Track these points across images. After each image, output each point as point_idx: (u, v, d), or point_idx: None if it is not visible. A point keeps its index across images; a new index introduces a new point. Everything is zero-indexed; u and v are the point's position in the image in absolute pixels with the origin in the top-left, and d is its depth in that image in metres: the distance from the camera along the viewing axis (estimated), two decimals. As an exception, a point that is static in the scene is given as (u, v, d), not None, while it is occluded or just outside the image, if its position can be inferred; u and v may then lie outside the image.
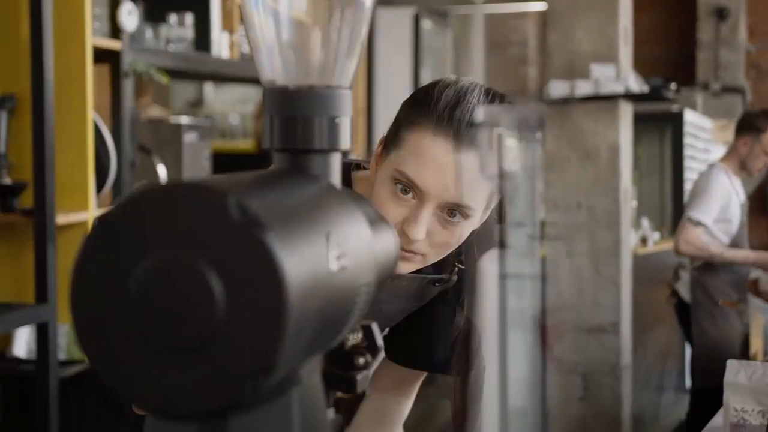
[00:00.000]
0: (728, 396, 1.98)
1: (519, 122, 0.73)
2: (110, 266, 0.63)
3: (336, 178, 0.81)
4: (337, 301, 0.70)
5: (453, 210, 1.27)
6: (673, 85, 5.92)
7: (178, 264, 0.62)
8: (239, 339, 0.61)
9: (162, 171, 2.97)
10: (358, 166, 1.44)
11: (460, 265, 1.43)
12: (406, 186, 1.26)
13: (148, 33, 2.94)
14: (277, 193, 0.70)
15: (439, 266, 1.43)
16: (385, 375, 1.51)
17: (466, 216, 1.28)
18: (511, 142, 0.76)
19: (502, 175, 0.73)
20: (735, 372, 1.99)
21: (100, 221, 0.64)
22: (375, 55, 4.88)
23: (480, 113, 0.96)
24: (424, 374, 1.55)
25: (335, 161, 0.82)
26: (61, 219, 2.42)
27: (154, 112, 4.35)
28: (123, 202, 0.64)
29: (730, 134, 8.69)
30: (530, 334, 0.73)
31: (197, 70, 3.21)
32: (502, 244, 0.74)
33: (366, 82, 4.86)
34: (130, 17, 2.64)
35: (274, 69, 0.81)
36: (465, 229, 1.30)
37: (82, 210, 2.48)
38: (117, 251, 0.63)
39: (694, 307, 4.55)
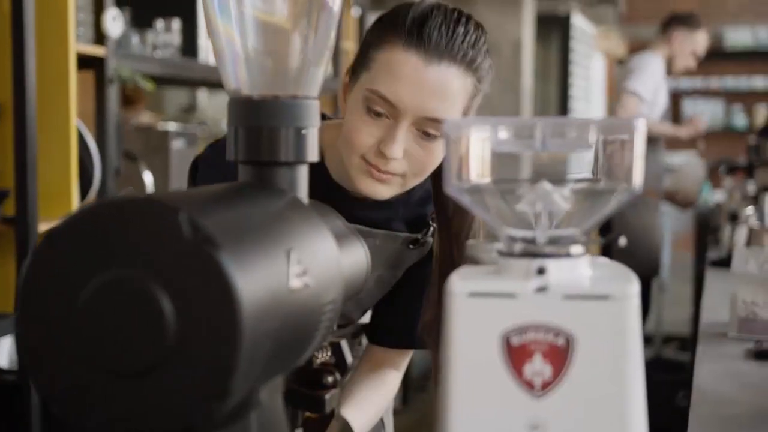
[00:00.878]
0: (737, 287, 1.83)
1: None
2: (57, 284, 0.61)
3: (303, 191, 0.79)
4: (298, 320, 0.68)
5: (428, 130, 1.25)
6: None
7: (127, 283, 0.59)
8: (191, 363, 0.58)
9: (148, 178, 2.94)
10: (324, 116, 1.43)
11: (433, 224, 1.41)
12: (379, 106, 1.24)
13: (135, 39, 2.92)
14: (236, 208, 0.67)
15: (413, 225, 1.42)
16: (375, 353, 1.52)
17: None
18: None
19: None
20: (743, 260, 1.85)
21: (48, 237, 0.62)
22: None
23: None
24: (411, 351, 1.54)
25: (302, 173, 0.79)
26: (44, 227, 2.39)
27: (145, 118, 4.33)
28: (72, 217, 0.61)
29: (611, 43, 8.68)
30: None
31: (184, 76, 3.18)
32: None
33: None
34: (114, 23, 2.61)
35: (238, 78, 0.79)
36: (442, 148, 1.28)
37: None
38: (65, 268, 0.60)
39: None
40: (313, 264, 0.70)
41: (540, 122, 0.68)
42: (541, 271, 0.67)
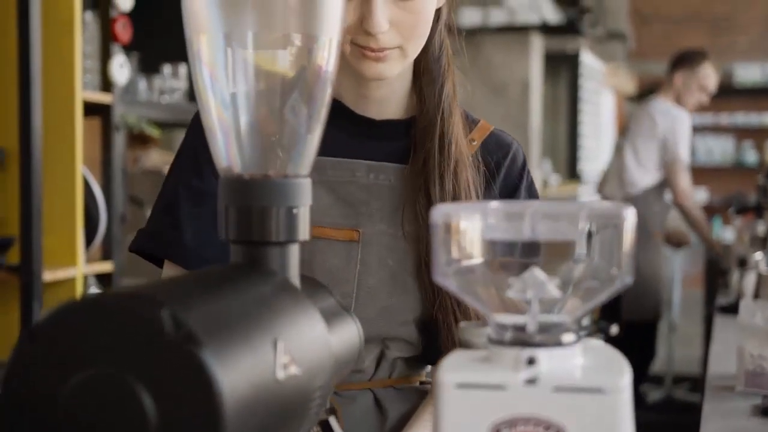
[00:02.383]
0: (743, 340, 1.79)
1: None
2: (39, 381, 0.60)
3: (293, 270, 0.78)
4: (285, 410, 0.67)
5: None
6: (589, 17, 5.90)
7: (108, 381, 0.58)
8: (172, 462, 0.57)
9: (154, 223, 2.94)
10: None
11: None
12: None
13: (142, 84, 2.93)
14: (222, 298, 0.66)
15: None
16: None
17: None
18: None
19: None
20: (750, 313, 1.81)
21: (29, 333, 0.61)
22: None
23: None
24: None
25: (293, 253, 0.78)
26: (49, 276, 2.39)
27: (156, 156, 4.34)
28: (54, 313, 0.61)
29: (621, 79, 8.70)
30: None
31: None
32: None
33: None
34: (121, 70, 2.62)
35: (230, 157, 0.79)
36: (427, 3, 1.23)
37: (71, 266, 2.45)
38: (46, 365, 0.60)
39: None
40: (301, 351, 0.69)
41: (530, 209, 0.68)
42: (531, 362, 0.66)
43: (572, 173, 7.16)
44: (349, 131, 1.32)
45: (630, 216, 0.67)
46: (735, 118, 10.04)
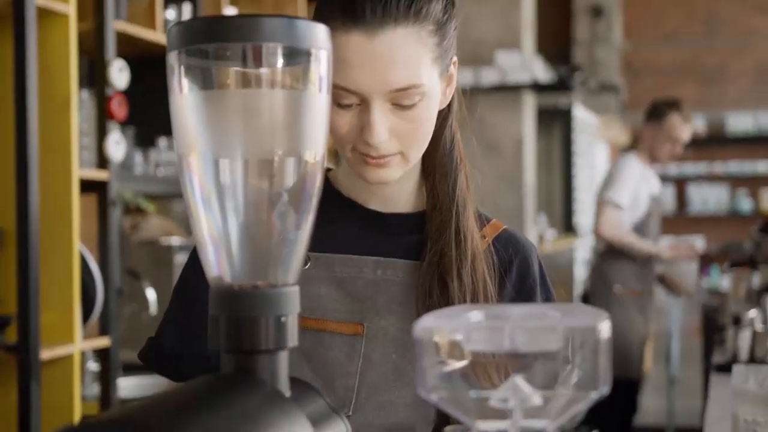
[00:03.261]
0: (737, 406, 1.78)
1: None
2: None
3: (283, 377, 0.80)
4: None
5: (402, 102, 1.18)
6: (579, 75, 5.96)
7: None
8: None
9: (151, 295, 2.96)
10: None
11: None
12: (345, 98, 1.17)
13: (138, 157, 2.97)
14: (211, 416, 0.68)
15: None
16: None
17: (421, 95, 1.20)
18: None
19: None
20: (743, 378, 1.79)
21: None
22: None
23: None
24: None
25: (282, 360, 0.81)
26: (46, 354, 2.40)
27: (155, 223, 4.36)
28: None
29: (614, 131, 8.77)
30: None
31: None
32: None
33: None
34: (117, 147, 2.66)
35: (220, 267, 0.81)
36: (428, 108, 1.22)
37: (68, 343, 2.46)
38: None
39: (591, 295, 4.63)
40: (290, 463, 0.71)
41: (509, 322, 0.70)
42: (513, 470, 0.68)
43: (568, 227, 7.19)
44: (359, 225, 1.33)
45: (605, 328, 0.69)
46: (729, 166, 10.12)
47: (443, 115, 1.32)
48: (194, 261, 1.36)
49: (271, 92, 0.79)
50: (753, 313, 3.06)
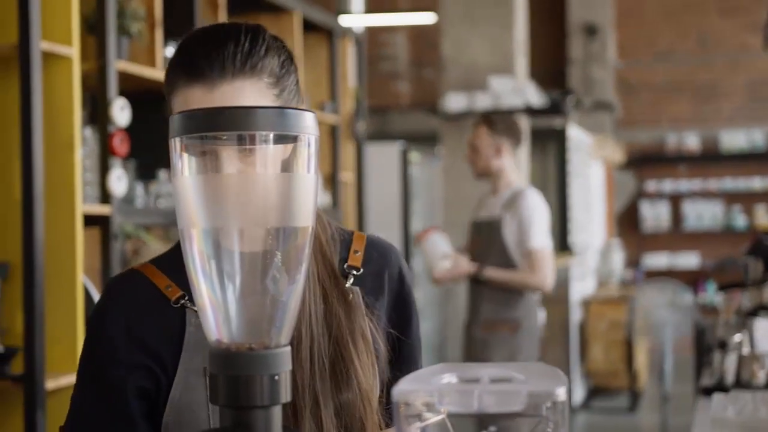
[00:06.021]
0: None
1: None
2: None
3: (276, 430, 0.89)
4: None
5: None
6: (571, 99, 6.03)
7: None
8: None
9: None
10: None
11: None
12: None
13: (139, 190, 3.06)
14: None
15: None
16: None
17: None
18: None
19: None
20: (722, 407, 1.82)
21: None
22: (365, 187, 5.01)
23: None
24: None
25: (276, 414, 0.89)
26: (51, 384, 2.48)
27: (155, 248, 4.44)
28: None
29: (609, 150, 8.82)
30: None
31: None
32: None
33: (357, 215, 4.97)
34: (119, 182, 2.75)
35: (219, 330, 0.90)
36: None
37: (73, 373, 2.54)
38: None
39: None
40: None
41: (477, 388, 0.79)
42: None
43: (563, 245, 7.27)
44: None
45: (562, 394, 0.77)
46: (723, 183, 10.20)
47: None
48: (99, 333, 1.27)
49: (264, 174, 0.88)
50: (738, 337, 3.13)
